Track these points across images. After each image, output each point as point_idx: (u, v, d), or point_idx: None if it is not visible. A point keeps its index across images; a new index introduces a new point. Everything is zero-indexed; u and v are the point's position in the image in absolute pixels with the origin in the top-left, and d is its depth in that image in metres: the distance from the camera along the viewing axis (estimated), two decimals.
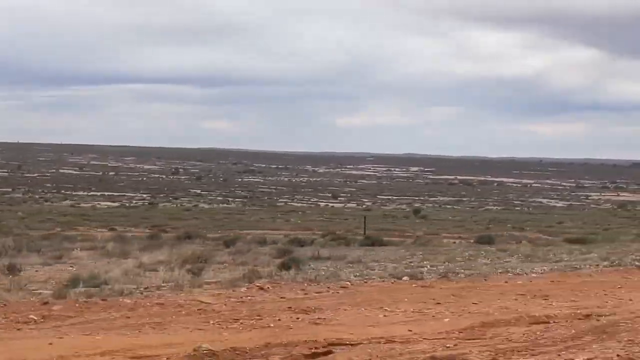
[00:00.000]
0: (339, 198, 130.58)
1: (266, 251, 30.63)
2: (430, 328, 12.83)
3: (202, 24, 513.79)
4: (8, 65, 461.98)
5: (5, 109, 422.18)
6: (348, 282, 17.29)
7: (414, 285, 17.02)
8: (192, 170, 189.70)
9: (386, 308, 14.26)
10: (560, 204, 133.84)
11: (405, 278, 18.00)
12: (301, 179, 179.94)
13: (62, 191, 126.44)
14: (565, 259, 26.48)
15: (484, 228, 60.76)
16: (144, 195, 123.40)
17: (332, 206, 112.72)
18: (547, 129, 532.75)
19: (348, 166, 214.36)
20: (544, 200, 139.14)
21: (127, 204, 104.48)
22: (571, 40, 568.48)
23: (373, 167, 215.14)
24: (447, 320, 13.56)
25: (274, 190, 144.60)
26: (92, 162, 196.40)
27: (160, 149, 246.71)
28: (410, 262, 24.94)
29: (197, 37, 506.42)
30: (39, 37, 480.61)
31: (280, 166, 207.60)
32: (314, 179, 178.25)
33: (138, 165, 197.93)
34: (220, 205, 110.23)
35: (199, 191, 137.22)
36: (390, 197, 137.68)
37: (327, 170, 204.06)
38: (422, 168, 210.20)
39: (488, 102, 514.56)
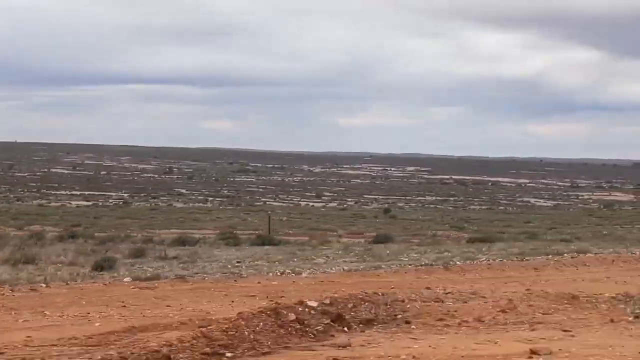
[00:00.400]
0: (322, 197, 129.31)
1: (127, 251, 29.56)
2: (62, 334, 11.75)
3: (202, 24, 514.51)
4: (8, 65, 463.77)
5: (5, 109, 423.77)
6: (43, 285, 16.20)
7: (131, 287, 15.91)
8: (186, 170, 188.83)
9: (46, 312, 13.18)
10: (548, 203, 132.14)
11: (126, 279, 16.89)
12: (294, 178, 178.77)
13: (43, 190, 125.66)
14: (409, 259, 25.34)
15: (427, 227, 59.60)
16: (124, 195, 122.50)
17: (312, 205, 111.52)
18: (548, 129, 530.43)
19: (344, 166, 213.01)
20: (533, 200, 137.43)
21: (100, 204, 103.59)
22: (571, 40, 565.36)
23: (370, 166, 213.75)
24: (97, 324, 12.48)
25: (261, 190, 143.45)
26: (87, 162, 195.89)
27: (160, 149, 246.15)
28: (237, 263, 23.83)
29: (197, 37, 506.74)
30: (39, 37, 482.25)
31: (276, 165, 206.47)
32: (308, 179, 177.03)
33: (133, 165, 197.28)
34: (196, 204, 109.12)
35: (183, 190, 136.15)
36: (376, 196, 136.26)
37: (323, 170, 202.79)
38: (418, 168, 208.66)
39: (488, 102, 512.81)
